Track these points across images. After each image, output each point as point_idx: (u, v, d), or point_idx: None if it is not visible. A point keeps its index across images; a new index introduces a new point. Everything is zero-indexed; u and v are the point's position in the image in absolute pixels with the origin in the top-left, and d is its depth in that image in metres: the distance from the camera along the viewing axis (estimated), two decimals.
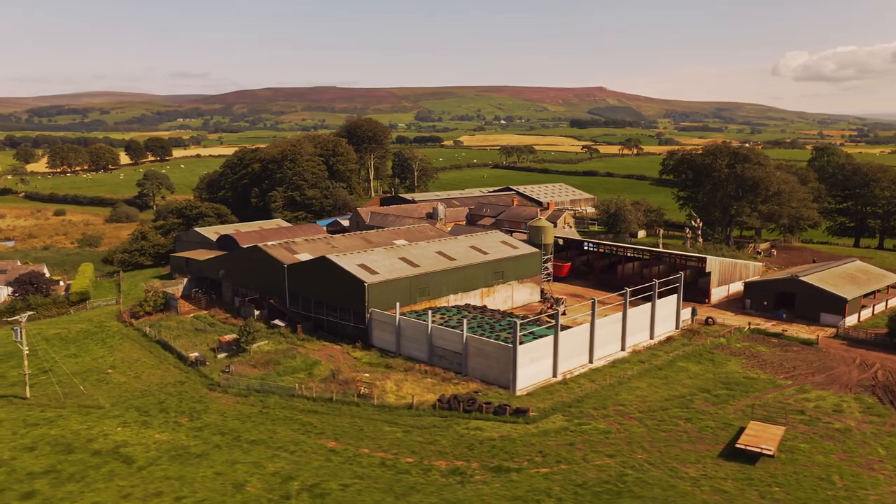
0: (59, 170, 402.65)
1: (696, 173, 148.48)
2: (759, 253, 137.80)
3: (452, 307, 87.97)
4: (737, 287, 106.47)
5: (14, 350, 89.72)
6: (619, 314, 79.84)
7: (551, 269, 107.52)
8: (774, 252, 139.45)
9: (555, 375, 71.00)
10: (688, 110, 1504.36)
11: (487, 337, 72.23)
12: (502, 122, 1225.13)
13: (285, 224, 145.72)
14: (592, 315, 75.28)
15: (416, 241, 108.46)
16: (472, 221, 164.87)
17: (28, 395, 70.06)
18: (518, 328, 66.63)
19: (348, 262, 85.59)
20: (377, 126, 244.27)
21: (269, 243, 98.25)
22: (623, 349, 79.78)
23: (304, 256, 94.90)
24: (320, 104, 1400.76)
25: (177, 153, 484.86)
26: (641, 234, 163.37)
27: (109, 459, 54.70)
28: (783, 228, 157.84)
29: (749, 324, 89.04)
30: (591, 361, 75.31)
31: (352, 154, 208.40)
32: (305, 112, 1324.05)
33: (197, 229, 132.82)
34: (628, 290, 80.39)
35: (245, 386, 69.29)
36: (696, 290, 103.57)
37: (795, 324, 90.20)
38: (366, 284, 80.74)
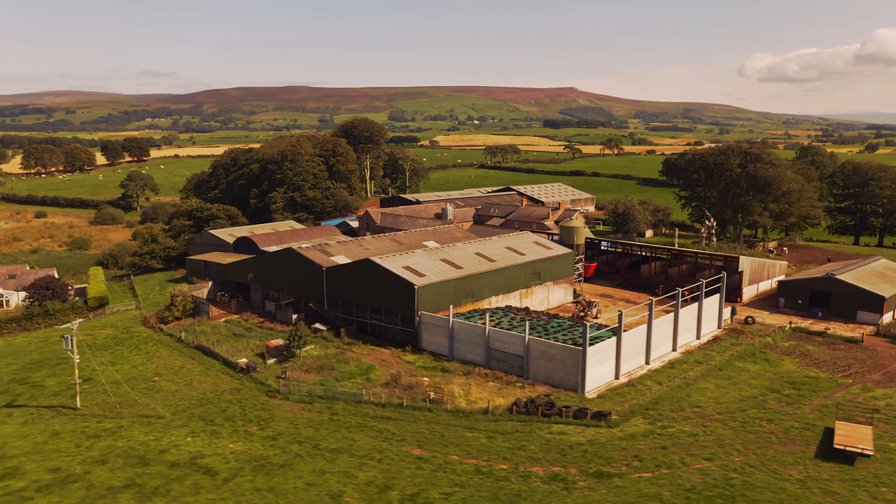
0: (33, 171, 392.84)
1: (707, 173, 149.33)
2: (772, 251, 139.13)
3: (495, 309, 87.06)
4: (765, 286, 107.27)
5: (41, 358, 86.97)
6: (671, 315, 79.62)
7: (582, 270, 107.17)
8: (785, 250, 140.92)
9: (617, 377, 70.53)
10: (657, 111, 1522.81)
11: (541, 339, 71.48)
12: (475, 122, 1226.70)
13: (298, 226, 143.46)
14: (650, 316, 74.98)
15: (445, 242, 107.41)
16: (481, 222, 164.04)
17: (78, 404, 67.51)
18: (588, 331, 66.00)
19: (394, 264, 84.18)
20: (374, 126, 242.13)
21: (303, 245, 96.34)
22: (674, 349, 79.63)
23: (340, 259, 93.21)
24: (292, 104, 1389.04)
25: (154, 154, 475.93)
26: (649, 233, 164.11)
27: (189, 471, 52.76)
28: (787, 227, 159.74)
29: (790, 322, 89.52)
30: (647, 363, 74.98)
31: (352, 154, 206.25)
32: (277, 112, 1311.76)
33: (212, 231, 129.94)
34: (680, 290, 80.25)
35: (307, 392, 67.60)
36: (727, 290, 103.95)
37: (833, 322, 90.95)
38: (416, 287, 79.46)
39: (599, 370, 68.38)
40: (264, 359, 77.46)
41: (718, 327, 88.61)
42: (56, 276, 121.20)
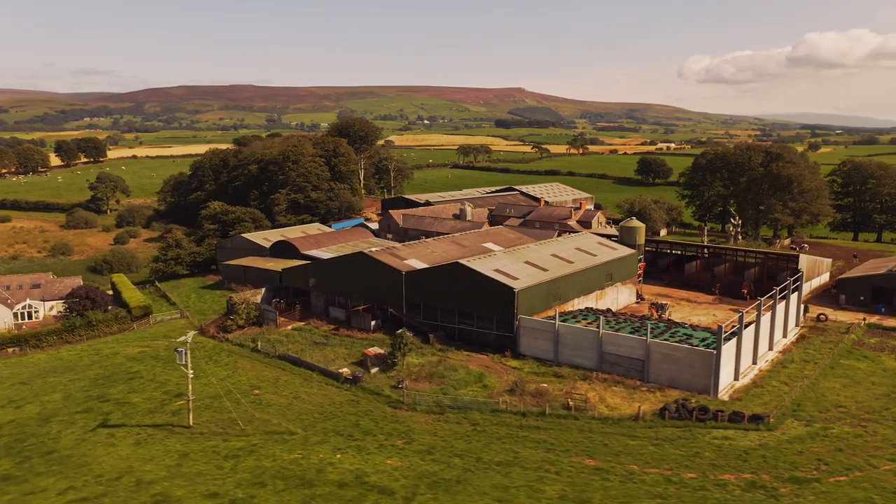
0: None
1: (730, 171, 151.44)
2: (795, 248, 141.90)
3: (579, 311, 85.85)
4: (816, 282, 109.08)
5: (105, 373, 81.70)
6: (767, 315, 79.72)
7: (640, 271, 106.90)
8: (806, 247, 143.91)
9: (736, 378, 70.15)
10: (602, 111, 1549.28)
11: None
12: (425, 121, 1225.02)
13: (327, 228, 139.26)
14: (758, 316, 74.89)
15: (502, 244, 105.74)
16: (497, 222, 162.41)
17: (191, 422, 63.32)
18: (721, 333, 65.38)
19: (485, 267, 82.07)
20: (369, 126, 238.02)
21: (374, 249, 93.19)
22: (771, 349, 79.84)
23: (414, 263, 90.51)
24: (238, 103, 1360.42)
25: (110, 154, 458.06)
26: (663, 232, 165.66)
27: (363, 491, 49.77)
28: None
29: (864, 319, 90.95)
30: (754, 363, 74.87)
31: (352, 154, 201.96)
32: (223, 111, 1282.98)
33: (245, 235, 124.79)
34: (777, 289, 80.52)
35: (433, 402, 64.99)
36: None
37: None
38: (515, 291, 77.52)
39: (724, 372, 67.82)
40: (365, 368, 74.28)
41: (796, 325, 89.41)
42: (81, 282, 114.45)
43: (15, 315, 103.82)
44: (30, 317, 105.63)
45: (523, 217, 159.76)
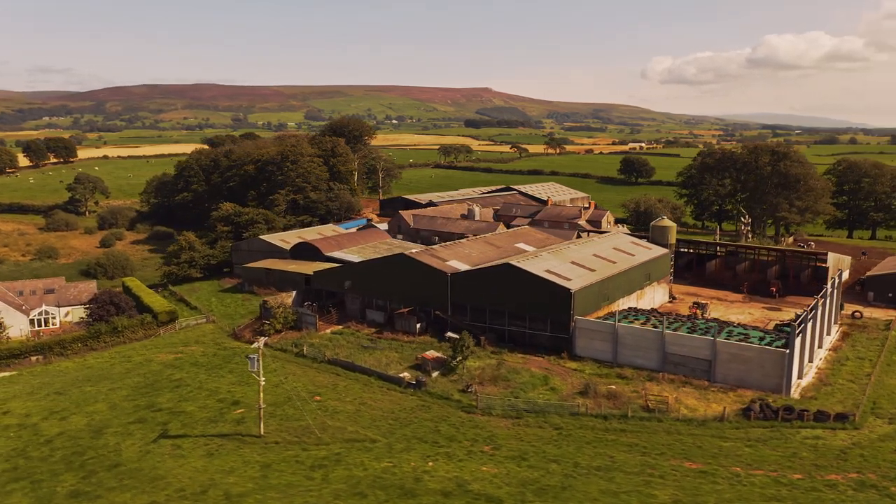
0: None
1: (737, 171, 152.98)
2: (802, 246, 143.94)
3: (625, 311, 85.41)
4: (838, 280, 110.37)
5: (144, 381, 78.74)
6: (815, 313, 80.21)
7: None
8: (812, 245, 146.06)
9: (800, 377, 70.32)
10: (568, 111, 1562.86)
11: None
12: (394, 121, 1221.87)
13: (342, 230, 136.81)
14: (815, 314, 75.21)
15: (533, 244, 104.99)
16: (503, 222, 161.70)
17: (262, 431, 61.14)
18: (794, 332, 65.41)
19: (537, 268, 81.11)
20: (363, 126, 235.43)
21: (413, 251, 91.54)
22: (820, 346, 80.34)
23: (456, 264, 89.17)
24: (202, 102, 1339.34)
25: (80, 154, 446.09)
26: None
27: (470, 500, 48.37)
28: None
29: None
30: (810, 360, 75.21)
31: (350, 154, 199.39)
32: (187, 110, 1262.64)
33: (263, 237, 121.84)
34: (828, 287, 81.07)
35: (508, 406, 63.81)
36: (805, 286, 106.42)
37: None
38: (572, 292, 76.70)
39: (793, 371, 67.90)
40: (424, 372, 72.75)
41: (835, 322, 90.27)
42: (95, 287, 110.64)
43: (31, 322, 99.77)
44: (45, 323, 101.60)
45: (531, 217, 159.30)
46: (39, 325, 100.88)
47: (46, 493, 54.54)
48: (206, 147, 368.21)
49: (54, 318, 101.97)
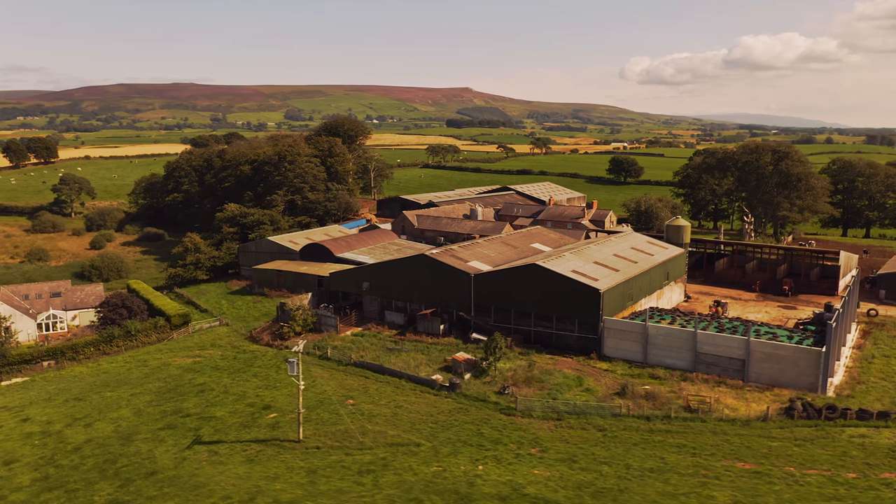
0: None
1: (739, 170, 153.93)
2: (803, 244, 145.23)
3: (648, 311, 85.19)
4: (846, 279, 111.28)
5: (165, 386, 77.16)
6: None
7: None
8: (813, 243, 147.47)
9: (831, 375, 70.51)
10: (548, 111, 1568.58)
11: None
12: (374, 121, 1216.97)
13: (348, 231, 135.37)
14: (844, 312, 75.56)
15: (548, 244, 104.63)
16: (505, 221, 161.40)
17: (301, 436, 60.01)
18: (831, 331, 65.56)
19: (563, 269, 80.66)
20: (358, 125, 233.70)
21: (434, 251, 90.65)
22: (844, 345, 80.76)
23: (477, 264, 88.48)
24: (180, 102, 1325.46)
25: (60, 154, 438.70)
26: None
27: None
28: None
29: None
30: (837, 359, 75.52)
31: (347, 154, 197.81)
32: (164, 110, 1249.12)
33: (272, 238, 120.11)
34: (850, 285, 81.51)
35: (548, 407, 63.25)
36: (816, 284, 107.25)
37: None
38: (601, 292, 76.35)
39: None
40: (454, 374, 71.99)
41: (854, 320, 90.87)
42: (102, 290, 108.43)
43: (39, 326, 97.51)
44: (53, 327, 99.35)
45: (533, 217, 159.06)
46: (47, 329, 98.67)
47: (83, 502, 53.13)
48: (188, 147, 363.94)
49: (62, 321, 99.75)
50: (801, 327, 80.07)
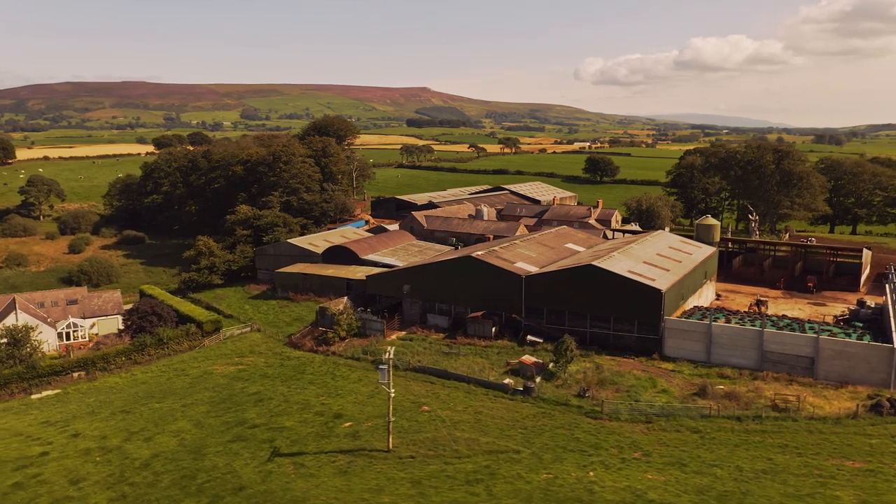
0: None
1: (742, 170, 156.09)
2: (805, 241, 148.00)
3: (694, 310, 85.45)
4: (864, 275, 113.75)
5: (217, 396, 74.17)
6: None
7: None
8: (813, 240, 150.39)
9: None
10: (506, 111, 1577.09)
11: None
12: None
13: (363, 233, 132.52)
14: (893, 309, 76.73)
15: (581, 244, 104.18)
16: (509, 221, 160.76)
17: (391, 445, 58.02)
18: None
19: (620, 269, 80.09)
20: (347, 125, 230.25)
21: (478, 253, 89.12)
22: None
23: (525, 266, 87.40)
24: (132, 101, 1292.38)
25: (18, 155, 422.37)
26: (667, 229, 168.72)
27: None
28: (802, 219, 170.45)
29: None
30: None
31: (342, 154, 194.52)
32: (115, 109, 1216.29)
33: (291, 241, 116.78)
34: (893, 280, 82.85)
35: (635, 410, 62.49)
36: (835, 280, 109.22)
37: None
38: (662, 292, 76.03)
39: None
40: (523, 377, 70.76)
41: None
42: (119, 297, 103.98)
43: (59, 335, 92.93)
44: (72, 336, 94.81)
45: (537, 216, 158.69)
46: (67, 339, 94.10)
47: None
48: (150, 147, 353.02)
49: (81, 329, 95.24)
50: (842, 323, 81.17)
